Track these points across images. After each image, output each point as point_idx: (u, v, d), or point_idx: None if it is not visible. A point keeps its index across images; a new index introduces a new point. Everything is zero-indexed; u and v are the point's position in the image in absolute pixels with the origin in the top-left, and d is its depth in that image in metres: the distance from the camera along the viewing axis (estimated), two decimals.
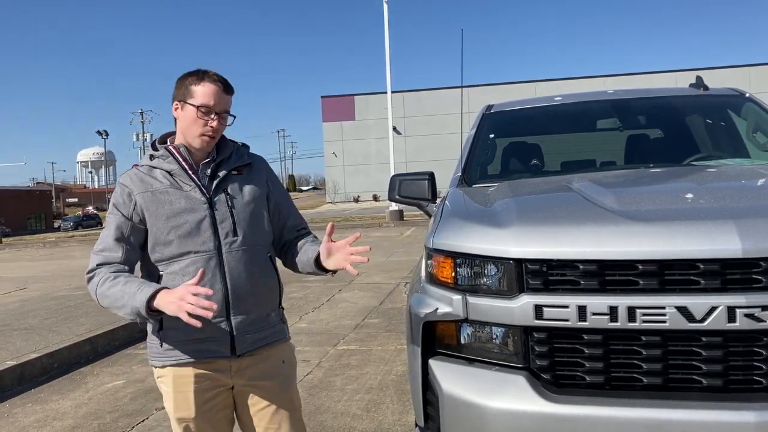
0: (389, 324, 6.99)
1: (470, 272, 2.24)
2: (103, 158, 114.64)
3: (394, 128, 33.87)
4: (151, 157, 2.14)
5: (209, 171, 2.12)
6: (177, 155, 2.12)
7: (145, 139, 68.87)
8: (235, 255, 2.08)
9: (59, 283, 11.87)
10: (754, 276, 1.92)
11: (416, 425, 2.48)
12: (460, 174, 3.52)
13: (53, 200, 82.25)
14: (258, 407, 2.18)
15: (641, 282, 1.99)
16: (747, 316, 1.89)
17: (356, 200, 51.07)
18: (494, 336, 2.20)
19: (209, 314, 1.79)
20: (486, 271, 2.20)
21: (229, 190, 2.12)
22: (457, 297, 2.23)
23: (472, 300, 2.20)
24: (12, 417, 4.72)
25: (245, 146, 2.27)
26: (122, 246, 2.06)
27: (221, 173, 2.13)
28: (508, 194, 2.76)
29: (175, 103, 2.12)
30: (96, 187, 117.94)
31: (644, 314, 1.96)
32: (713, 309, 1.91)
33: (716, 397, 1.96)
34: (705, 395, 1.97)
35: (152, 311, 1.89)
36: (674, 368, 2.00)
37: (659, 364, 2.00)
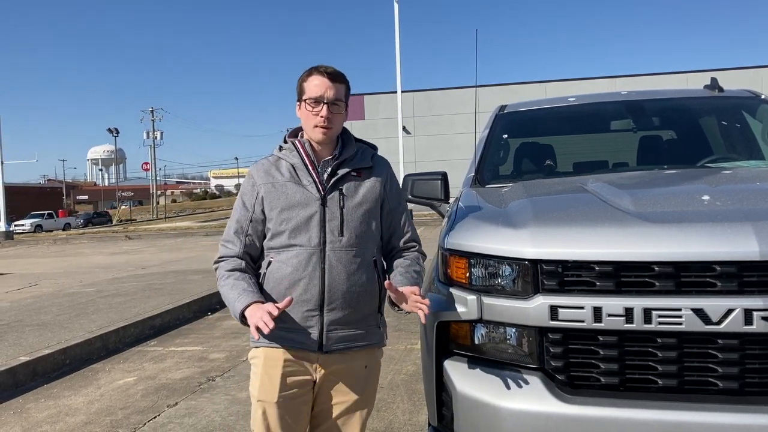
0: (398, 323, 6.99)
1: (485, 273, 2.25)
2: (113, 156, 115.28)
3: (404, 128, 33.81)
4: (280, 148, 2.24)
5: (329, 169, 2.17)
6: (301, 150, 2.19)
7: (155, 137, 68.95)
8: (338, 254, 2.11)
9: (70, 280, 11.96)
10: None
11: (429, 424, 2.49)
12: (473, 174, 3.52)
13: (64, 197, 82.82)
14: (326, 404, 2.20)
15: (657, 284, 1.98)
16: (764, 318, 1.89)
17: None
18: (509, 336, 2.20)
19: (265, 329, 1.91)
20: (501, 272, 2.20)
21: (344, 190, 2.16)
22: (471, 297, 2.23)
23: (487, 300, 2.20)
24: (25, 412, 4.76)
25: (373, 148, 2.30)
26: (240, 238, 2.19)
27: (340, 172, 2.17)
28: (522, 195, 2.76)
29: (297, 104, 2.20)
30: (106, 184, 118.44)
31: (660, 316, 1.96)
32: (730, 311, 1.91)
33: (732, 399, 1.96)
34: (720, 398, 1.97)
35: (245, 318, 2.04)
36: (690, 370, 2.00)
37: (674, 366, 2.00)
